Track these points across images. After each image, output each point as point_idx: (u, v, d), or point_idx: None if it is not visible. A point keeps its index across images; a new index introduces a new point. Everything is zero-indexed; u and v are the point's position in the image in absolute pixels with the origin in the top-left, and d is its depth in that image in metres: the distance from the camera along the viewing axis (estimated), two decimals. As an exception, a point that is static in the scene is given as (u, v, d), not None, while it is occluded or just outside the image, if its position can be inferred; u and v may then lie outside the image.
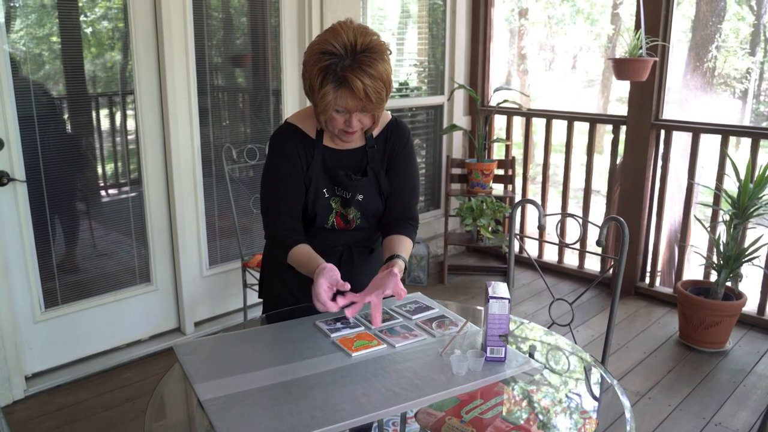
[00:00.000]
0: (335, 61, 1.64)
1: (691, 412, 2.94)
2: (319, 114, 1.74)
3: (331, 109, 1.70)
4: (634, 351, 3.50)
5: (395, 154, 1.94)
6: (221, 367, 1.56)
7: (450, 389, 1.48)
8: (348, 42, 1.65)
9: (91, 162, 3.22)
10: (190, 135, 3.38)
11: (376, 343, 1.66)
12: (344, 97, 1.67)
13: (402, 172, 1.96)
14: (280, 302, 2.00)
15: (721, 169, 3.76)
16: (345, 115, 1.73)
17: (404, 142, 1.95)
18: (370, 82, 1.66)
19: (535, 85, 12.18)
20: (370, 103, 1.69)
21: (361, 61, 1.64)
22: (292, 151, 1.85)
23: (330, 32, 1.68)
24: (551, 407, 1.51)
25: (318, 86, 1.66)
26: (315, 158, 1.86)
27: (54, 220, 3.04)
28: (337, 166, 1.88)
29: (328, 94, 1.66)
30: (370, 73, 1.65)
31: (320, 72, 1.65)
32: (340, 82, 1.65)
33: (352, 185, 1.89)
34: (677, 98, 6.07)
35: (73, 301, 3.14)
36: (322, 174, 1.87)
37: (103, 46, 3.13)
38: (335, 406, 1.39)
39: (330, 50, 1.64)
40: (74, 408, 2.89)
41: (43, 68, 2.96)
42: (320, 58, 1.65)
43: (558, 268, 4.57)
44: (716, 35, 6.09)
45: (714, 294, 3.50)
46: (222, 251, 3.68)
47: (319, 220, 1.90)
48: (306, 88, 1.74)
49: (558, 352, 1.79)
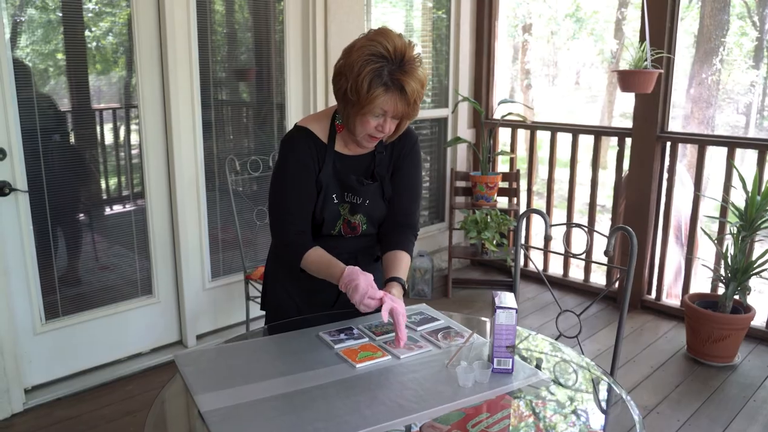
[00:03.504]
0: (384, 64, 1.64)
1: (700, 427, 2.89)
2: (355, 116, 1.72)
3: (375, 112, 1.69)
4: (641, 365, 3.45)
5: (401, 157, 1.93)
6: (222, 378, 1.53)
7: (456, 401, 1.44)
8: (398, 47, 1.65)
9: (93, 174, 3.20)
10: (193, 148, 3.36)
11: (381, 355, 1.63)
12: (393, 100, 1.67)
13: (405, 176, 1.94)
14: (283, 313, 1.97)
15: (727, 181, 3.73)
16: (380, 119, 1.72)
17: (410, 147, 1.94)
18: (417, 87, 1.68)
19: (539, 100, 12.19)
20: (415, 108, 1.72)
21: (408, 67, 1.66)
22: (305, 155, 1.82)
23: (376, 35, 1.67)
24: (559, 422, 1.47)
25: (366, 88, 1.64)
26: (326, 163, 1.84)
27: (56, 231, 3.02)
28: (349, 171, 1.87)
29: (378, 97, 1.65)
30: (417, 78, 1.67)
31: (369, 74, 1.63)
32: (388, 86, 1.65)
33: (363, 190, 1.87)
34: (682, 113, 6.06)
35: (74, 313, 3.11)
36: (333, 180, 1.85)
37: (107, 61, 3.13)
38: (338, 418, 1.35)
39: (380, 52, 1.64)
40: (74, 421, 2.85)
41: (48, 82, 2.96)
42: (370, 59, 1.64)
43: (563, 281, 4.54)
44: (720, 49, 6.08)
45: (722, 307, 3.46)
46: (225, 264, 3.66)
47: (326, 227, 1.88)
48: (343, 91, 1.70)
49: (566, 364, 1.75)
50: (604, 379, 1.67)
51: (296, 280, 1.93)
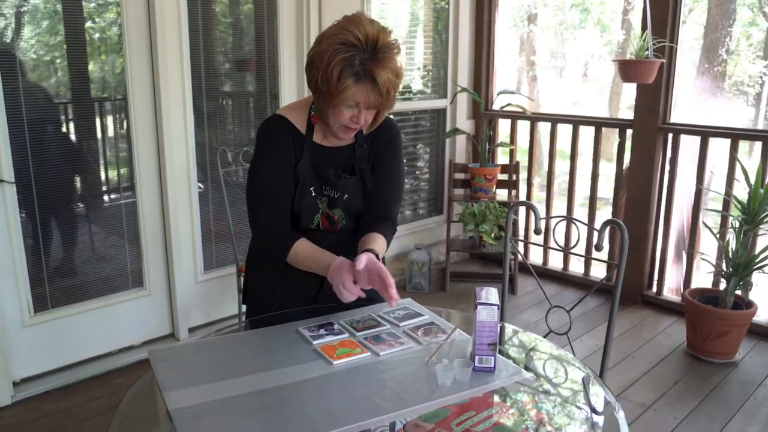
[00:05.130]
0: (355, 54, 1.57)
1: (698, 425, 2.84)
2: (327, 107, 1.66)
3: (347, 103, 1.63)
4: (639, 361, 3.39)
5: (380, 149, 1.87)
6: (196, 375, 1.49)
7: (434, 400, 1.39)
8: (370, 35, 1.58)
9: (83, 165, 3.16)
10: (184, 139, 3.32)
11: (360, 351, 1.58)
12: (365, 91, 1.60)
13: (385, 168, 1.88)
14: (265, 308, 1.92)
15: (730, 174, 3.65)
16: (354, 110, 1.66)
17: (391, 138, 1.88)
18: (391, 77, 1.61)
19: (546, 91, 12.09)
20: (388, 99, 1.64)
21: (381, 56, 1.59)
22: (284, 145, 1.77)
23: (348, 23, 1.61)
24: (546, 420, 1.42)
25: (336, 78, 1.57)
26: (304, 154, 1.78)
27: (44, 223, 2.99)
28: (326, 164, 1.81)
29: (348, 88, 1.59)
30: (390, 68, 1.60)
31: (339, 63, 1.57)
32: (359, 76, 1.58)
33: (341, 184, 1.81)
34: (688, 102, 5.96)
35: (63, 306, 3.08)
36: (310, 172, 1.79)
37: (96, 51, 3.08)
38: (309, 417, 1.31)
39: (350, 41, 1.57)
40: (63, 414, 2.83)
41: (35, 72, 2.92)
42: (339, 48, 1.57)
43: (563, 275, 4.48)
44: (726, 39, 5.99)
45: (723, 303, 3.39)
46: (217, 256, 3.62)
47: (304, 221, 1.82)
48: (315, 81, 1.64)
49: (554, 362, 1.70)
50: (593, 378, 1.62)
51: (278, 273, 1.88)
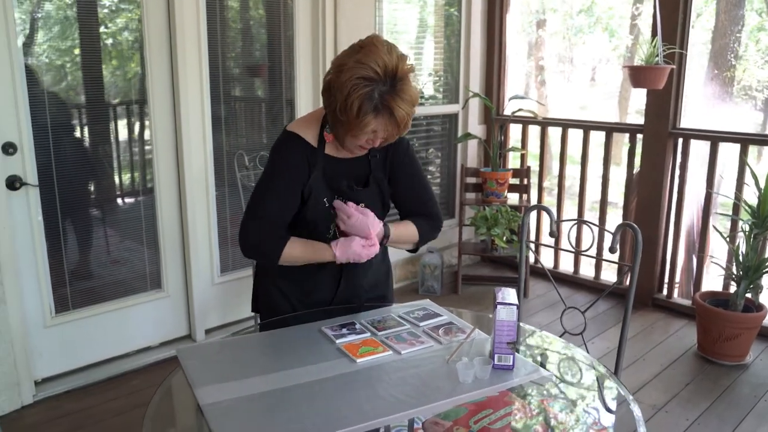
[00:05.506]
0: (374, 87, 1.59)
1: (709, 426, 2.87)
2: (344, 134, 1.69)
3: (365, 132, 1.66)
4: (651, 363, 3.43)
5: (397, 161, 1.90)
6: (224, 372, 1.54)
7: (455, 397, 1.44)
8: (389, 66, 1.60)
9: (103, 169, 3.22)
10: (202, 143, 3.38)
11: (382, 350, 1.63)
12: (383, 123, 1.64)
13: (409, 175, 1.93)
14: (277, 313, 1.96)
15: (740, 178, 3.68)
16: (371, 135, 1.69)
17: (405, 147, 1.92)
18: (408, 109, 1.64)
19: (553, 96, 12.11)
20: (406, 128, 1.68)
21: (399, 87, 1.61)
22: (294, 163, 1.79)
23: (366, 57, 1.60)
24: (562, 419, 1.46)
25: (356, 112, 1.60)
26: (317, 168, 1.81)
27: (66, 225, 3.05)
28: (339, 175, 1.84)
29: (369, 123, 1.62)
30: (407, 100, 1.63)
31: (359, 99, 1.58)
32: (378, 110, 1.61)
33: (354, 195, 1.84)
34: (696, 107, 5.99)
35: (83, 307, 3.13)
36: (323, 183, 1.82)
37: (119, 57, 3.14)
38: (337, 413, 1.36)
39: (369, 76, 1.59)
40: (83, 414, 2.88)
41: (59, 77, 2.98)
42: (358, 83, 1.58)
43: (573, 278, 4.51)
44: (735, 44, 6.01)
45: (734, 305, 3.42)
46: (234, 258, 3.67)
47: (321, 229, 1.85)
48: (333, 108, 1.65)
49: (570, 362, 1.74)
50: (607, 378, 1.66)
51: (291, 279, 1.91)
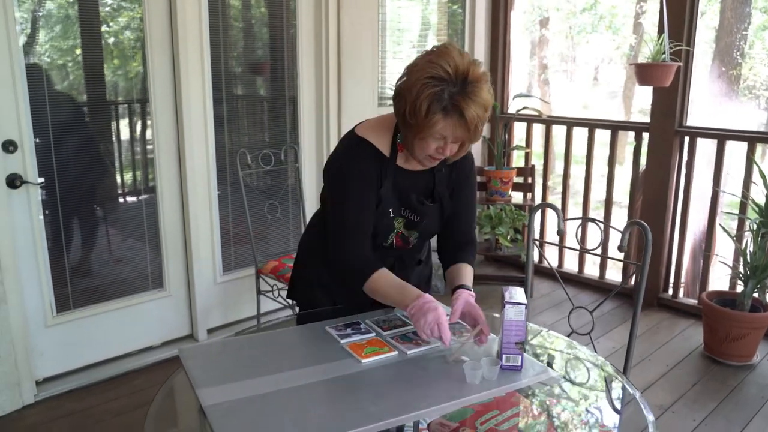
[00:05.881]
0: (444, 87, 1.55)
1: (716, 427, 2.84)
2: (414, 138, 1.63)
3: (434, 136, 1.60)
4: (656, 364, 3.39)
5: (461, 178, 1.87)
6: (226, 372, 1.51)
7: (462, 398, 1.41)
8: (460, 68, 1.55)
9: (105, 167, 3.20)
10: (204, 142, 3.35)
11: (387, 350, 1.60)
12: (452, 125, 1.58)
13: (466, 196, 1.90)
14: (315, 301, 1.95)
15: (747, 176, 3.65)
16: (440, 142, 1.63)
17: (470, 166, 1.88)
18: (480, 112, 1.58)
19: (556, 95, 12.08)
20: (476, 133, 1.62)
21: (470, 89, 1.56)
22: (370, 171, 1.73)
23: (437, 56, 1.57)
24: (570, 420, 1.43)
25: (424, 112, 1.55)
26: (387, 178, 1.76)
27: (67, 224, 3.03)
28: (409, 188, 1.79)
29: (438, 123, 1.56)
30: (479, 103, 1.57)
31: (428, 98, 1.54)
32: (447, 110, 1.56)
33: (422, 210, 1.81)
34: (701, 105, 5.96)
35: (85, 306, 3.11)
36: (392, 194, 1.78)
37: (120, 56, 3.12)
38: (342, 415, 1.33)
39: (440, 75, 1.54)
40: (84, 414, 2.86)
41: (60, 76, 2.96)
42: (428, 82, 1.54)
43: (578, 278, 4.48)
44: (741, 42, 5.97)
45: (741, 305, 3.39)
46: (236, 258, 3.65)
47: (379, 239, 1.82)
48: (402, 112, 1.61)
49: (578, 362, 1.71)
50: (617, 378, 1.63)
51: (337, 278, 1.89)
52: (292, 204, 3.83)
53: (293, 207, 3.84)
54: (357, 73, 3.81)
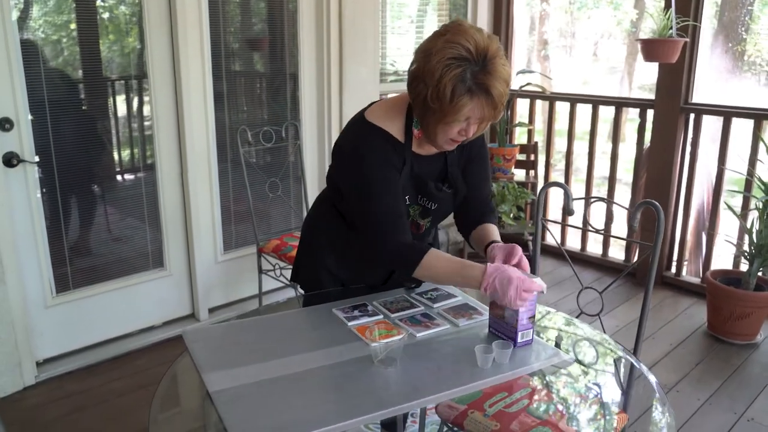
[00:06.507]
0: (466, 67, 1.48)
1: (721, 406, 2.83)
2: (437, 123, 1.56)
3: (461, 119, 1.54)
4: (660, 342, 3.38)
5: (474, 152, 1.81)
6: (232, 357, 1.48)
7: (474, 383, 1.38)
8: (480, 45, 1.48)
9: (103, 145, 3.15)
10: (204, 119, 3.30)
11: (396, 332, 1.56)
12: (480, 106, 1.51)
13: (482, 169, 1.85)
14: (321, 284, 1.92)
15: (753, 154, 3.61)
16: (464, 124, 1.57)
17: (481, 139, 1.82)
18: (504, 88, 1.52)
19: (556, 71, 11.97)
20: (501, 110, 1.56)
21: (491, 67, 1.49)
22: (390, 158, 1.66)
23: (454, 35, 1.50)
24: (579, 401, 1.41)
25: (449, 96, 1.48)
26: (405, 165, 1.70)
27: (65, 203, 2.98)
28: (426, 175, 1.73)
29: (465, 105, 1.49)
30: (502, 78, 1.51)
31: (452, 80, 1.47)
32: (473, 91, 1.49)
33: (439, 197, 1.76)
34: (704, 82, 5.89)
35: (84, 286, 3.08)
36: (409, 182, 1.72)
37: (117, 31, 3.05)
38: (352, 400, 1.30)
39: (462, 55, 1.47)
40: (85, 395, 2.84)
41: (55, 52, 2.90)
42: (450, 64, 1.47)
43: (581, 256, 4.45)
44: (747, 17, 5.89)
45: (745, 284, 3.37)
46: (237, 236, 3.61)
47: None
48: (423, 97, 1.53)
49: (586, 343, 1.69)
50: (629, 359, 1.61)
51: (342, 260, 1.86)
52: (294, 182, 3.79)
53: (294, 185, 3.79)
54: (359, 49, 3.74)
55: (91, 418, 2.68)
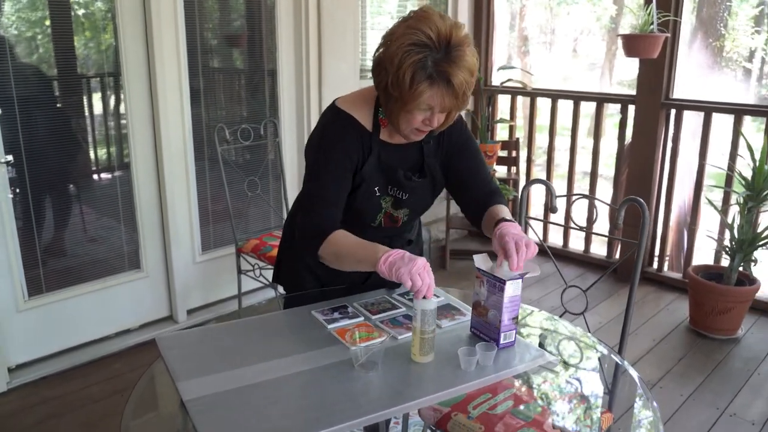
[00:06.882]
0: (427, 54, 1.45)
1: (704, 401, 2.83)
2: (398, 111, 1.53)
3: (421, 107, 1.51)
4: (643, 338, 3.38)
5: (456, 142, 1.76)
6: (207, 363, 1.43)
7: (457, 387, 1.35)
8: (442, 32, 1.45)
9: (78, 144, 3.07)
10: (180, 116, 3.23)
11: (377, 335, 1.52)
12: (440, 94, 1.48)
13: (472, 154, 1.79)
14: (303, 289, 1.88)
15: (734, 149, 3.61)
16: (427, 113, 1.53)
17: (460, 126, 1.77)
18: (466, 77, 1.48)
19: (536, 67, 11.99)
20: (464, 99, 1.52)
21: (455, 54, 1.46)
22: (351, 148, 1.63)
23: (417, 21, 1.47)
24: (564, 401, 1.38)
25: (408, 83, 1.45)
26: (371, 154, 1.66)
27: (37, 203, 2.90)
28: (395, 164, 1.69)
29: (424, 92, 1.46)
30: (465, 67, 1.47)
31: (411, 66, 1.44)
32: (433, 78, 1.46)
33: (410, 186, 1.72)
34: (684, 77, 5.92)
35: (58, 289, 3.00)
36: (377, 172, 1.68)
37: (92, 27, 2.98)
38: (332, 407, 1.26)
39: (422, 41, 1.44)
40: (60, 401, 2.77)
41: (30, 49, 2.82)
42: (410, 50, 1.44)
43: (563, 252, 4.44)
44: (725, 13, 5.92)
45: (727, 279, 3.37)
46: (215, 236, 3.55)
47: (367, 219, 1.74)
48: (384, 84, 1.51)
49: (570, 342, 1.66)
50: (613, 358, 1.59)
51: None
52: (273, 180, 3.73)
53: (274, 183, 3.74)
54: (338, 45, 3.69)
55: (66, 425, 2.61)
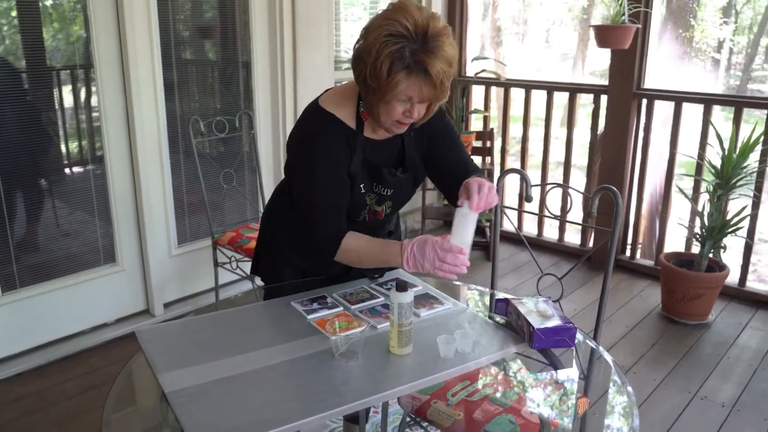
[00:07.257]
0: (404, 45, 1.45)
1: (676, 386, 2.89)
2: (377, 103, 1.53)
3: (399, 98, 1.51)
4: (616, 325, 3.44)
5: (436, 132, 1.76)
6: (188, 355, 1.43)
7: (437, 374, 1.37)
8: (419, 23, 1.45)
9: (47, 138, 3.03)
10: (155, 109, 3.20)
11: (356, 325, 1.54)
12: (417, 84, 1.48)
13: (451, 141, 1.79)
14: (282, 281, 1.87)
15: (704, 138, 3.68)
16: (406, 105, 1.53)
17: (439, 115, 1.76)
18: (444, 67, 1.48)
19: (509, 57, 12.05)
20: (442, 90, 1.52)
21: (432, 45, 1.46)
22: (337, 148, 1.62)
23: (394, 12, 1.47)
24: (541, 387, 1.41)
25: (386, 73, 1.45)
26: (357, 152, 1.66)
27: (9, 198, 2.86)
28: (378, 161, 1.70)
29: (400, 82, 1.46)
30: (443, 57, 1.47)
31: (389, 57, 1.44)
32: (411, 68, 1.46)
33: (394, 182, 1.72)
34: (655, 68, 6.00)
35: (32, 284, 2.96)
36: (362, 169, 1.68)
37: (61, 19, 2.93)
38: (312, 396, 1.27)
39: (398, 32, 1.45)
40: (35, 397, 2.74)
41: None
42: (387, 41, 1.45)
43: (537, 241, 4.49)
44: (693, 4, 6.01)
45: (697, 266, 3.44)
46: (191, 229, 3.53)
47: (352, 214, 1.73)
48: (363, 76, 1.51)
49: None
50: (588, 344, 1.62)
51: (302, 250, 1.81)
52: (249, 172, 3.72)
53: (249, 175, 3.72)
54: (312, 36, 3.68)
55: (41, 422, 2.59)
